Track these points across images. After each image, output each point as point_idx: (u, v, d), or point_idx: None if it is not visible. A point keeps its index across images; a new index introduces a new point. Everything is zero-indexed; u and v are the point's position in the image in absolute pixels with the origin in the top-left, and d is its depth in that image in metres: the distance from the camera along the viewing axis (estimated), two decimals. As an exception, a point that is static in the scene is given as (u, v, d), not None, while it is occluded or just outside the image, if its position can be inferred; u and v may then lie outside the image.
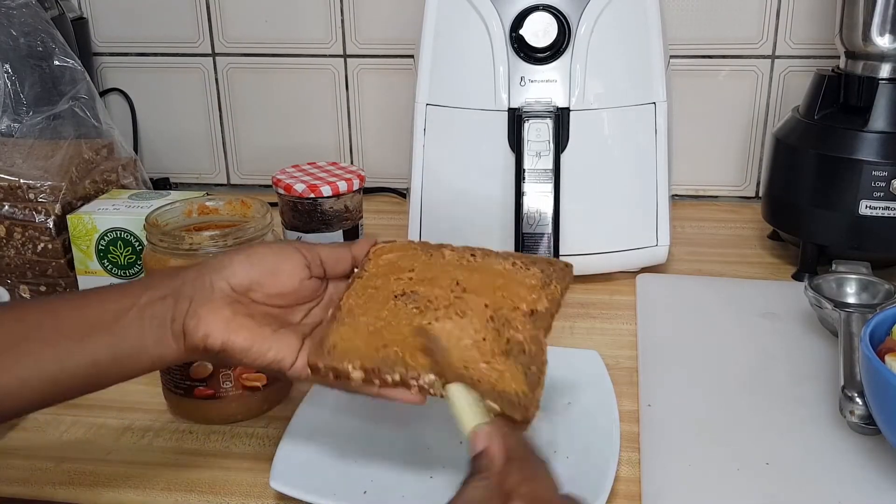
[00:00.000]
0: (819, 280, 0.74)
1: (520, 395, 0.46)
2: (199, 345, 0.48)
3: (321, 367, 0.49)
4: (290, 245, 0.53)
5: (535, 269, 0.55)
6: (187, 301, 0.49)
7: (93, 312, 0.49)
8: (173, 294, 0.49)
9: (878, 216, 0.77)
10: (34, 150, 0.75)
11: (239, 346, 0.48)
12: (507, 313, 0.51)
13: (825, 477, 0.55)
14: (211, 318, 0.48)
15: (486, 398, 0.46)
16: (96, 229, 0.70)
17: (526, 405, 0.46)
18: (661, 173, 0.82)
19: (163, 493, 0.55)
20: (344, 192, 0.82)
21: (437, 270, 0.54)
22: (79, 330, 0.48)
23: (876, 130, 0.78)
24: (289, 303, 0.52)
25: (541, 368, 0.49)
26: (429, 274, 0.54)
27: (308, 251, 0.52)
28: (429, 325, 0.50)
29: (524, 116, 0.77)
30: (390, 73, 1.08)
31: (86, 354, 0.48)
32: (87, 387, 0.49)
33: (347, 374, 0.48)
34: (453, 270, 0.54)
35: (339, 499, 0.52)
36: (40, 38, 0.82)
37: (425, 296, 0.52)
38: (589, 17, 0.78)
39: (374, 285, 0.53)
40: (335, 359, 0.49)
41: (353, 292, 0.53)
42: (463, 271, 0.54)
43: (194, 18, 1.09)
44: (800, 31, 1.00)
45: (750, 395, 0.64)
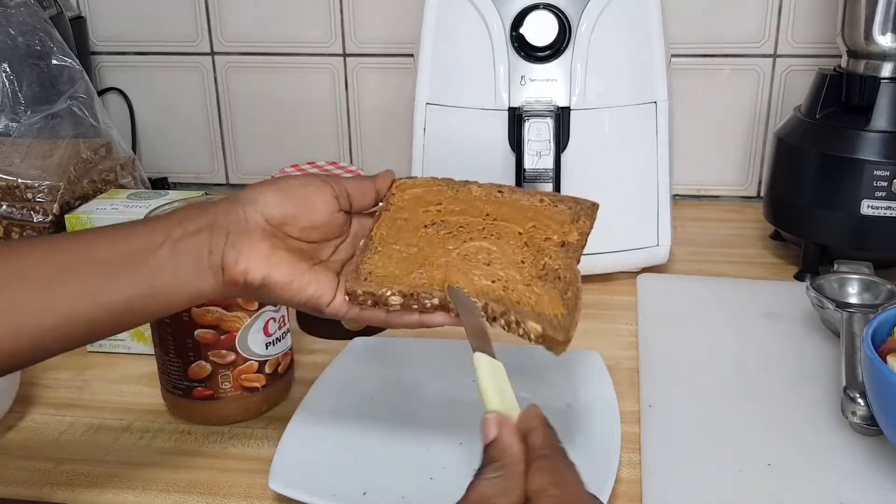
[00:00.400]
0: (821, 280, 0.74)
1: (559, 317, 0.46)
2: (238, 279, 0.47)
3: (360, 293, 0.48)
4: (317, 177, 0.52)
5: (563, 206, 0.55)
6: (223, 234, 0.47)
7: (123, 247, 0.47)
8: (208, 227, 0.48)
9: (880, 216, 0.77)
10: (32, 150, 0.75)
11: (280, 281, 0.47)
12: (540, 242, 0.52)
13: (827, 478, 0.54)
14: (250, 251, 0.47)
15: (526, 319, 0.46)
16: (95, 229, 0.69)
17: (567, 326, 0.46)
18: (662, 173, 0.82)
19: (162, 494, 0.55)
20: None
21: (465, 204, 0.55)
22: (111, 265, 0.46)
23: (878, 130, 0.77)
24: (321, 237, 0.51)
25: (576, 294, 0.49)
26: (457, 206, 0.54)
27: (336, 183, 0.52)
28: (465, 244, 0.50)
29: (524, 116, 0.77)
30: (390, 72, 1.08)
31: (120, 290, 0.46)
32: (122, 324, 0.48)
33: (386, 300, 0.48)
34: (482, 204, 0.54)
35: (338, 500, 0.52)
36: (38, 38, 0.82)
37: (457, 223, 0.53)
38: (590, 16, 0.78)
39: (402, 217, 0.53)
40: (373, 285, 0.48)
41: (382, 223, 0.53)
42: (491, 205, 0.55)
43: (193, 17, 1.09)
44: (801, 30, 1.00)
45: (751, 395, 0.64)
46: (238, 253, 0.47)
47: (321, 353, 0.72)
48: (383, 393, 0.64)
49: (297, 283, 0.48)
